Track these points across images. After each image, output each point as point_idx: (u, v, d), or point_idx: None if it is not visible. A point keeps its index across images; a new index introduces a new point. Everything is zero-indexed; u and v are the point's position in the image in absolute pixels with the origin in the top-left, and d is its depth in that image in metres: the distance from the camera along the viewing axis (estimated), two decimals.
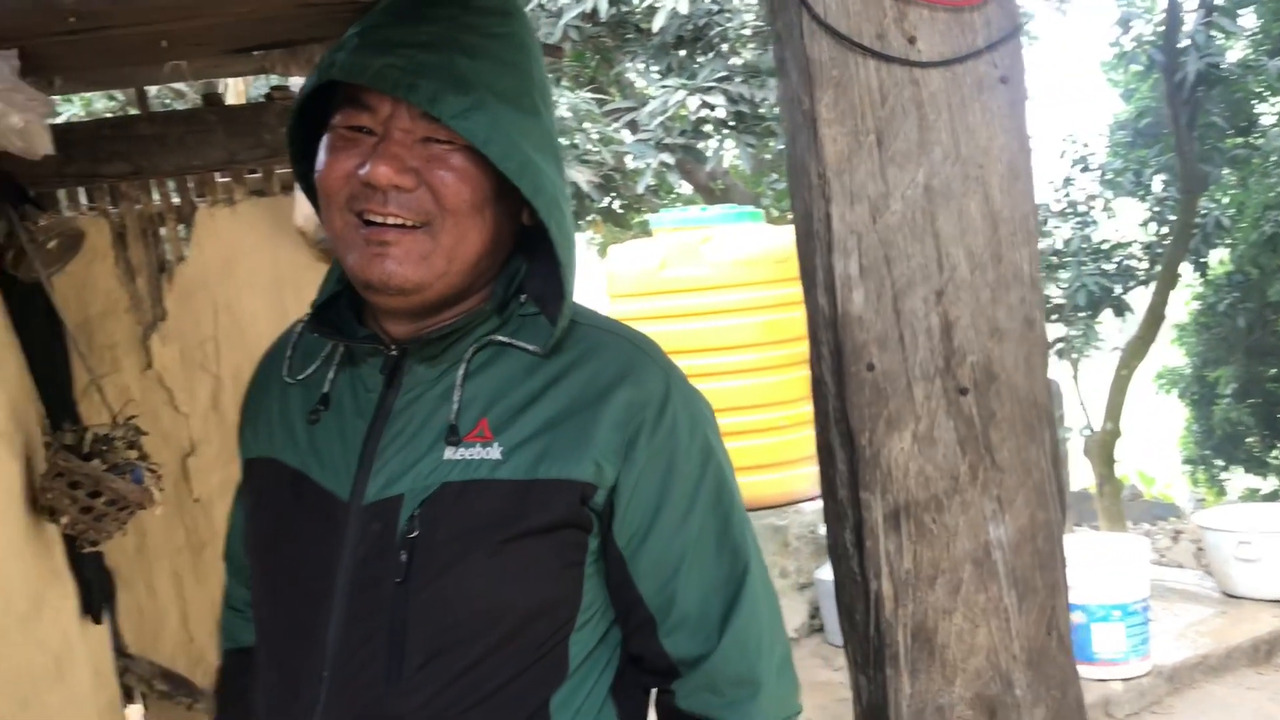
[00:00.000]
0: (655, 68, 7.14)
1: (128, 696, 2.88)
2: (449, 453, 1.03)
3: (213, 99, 3.38)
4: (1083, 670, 1.31)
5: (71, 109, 5.63)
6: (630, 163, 7.38)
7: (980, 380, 1.17)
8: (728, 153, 8.53)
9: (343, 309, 1.12)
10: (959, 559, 1.18)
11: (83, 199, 3.05)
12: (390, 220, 1.00)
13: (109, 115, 5.23)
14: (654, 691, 1.13)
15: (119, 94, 5.63)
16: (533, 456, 1.02)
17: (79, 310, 2.89)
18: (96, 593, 2.72)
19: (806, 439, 6.07)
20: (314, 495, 1.08)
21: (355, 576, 1.03)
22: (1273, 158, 9.19)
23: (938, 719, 1.19)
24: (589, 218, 8.17)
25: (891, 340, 1.16)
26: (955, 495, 1.17)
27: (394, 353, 1.07)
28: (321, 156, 1.04)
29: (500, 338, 1.06)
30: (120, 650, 2.89)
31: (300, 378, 1.14)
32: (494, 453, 1.02)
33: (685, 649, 1.07)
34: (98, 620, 2.72)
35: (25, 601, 2.30)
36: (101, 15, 1.82)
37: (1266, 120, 9.63)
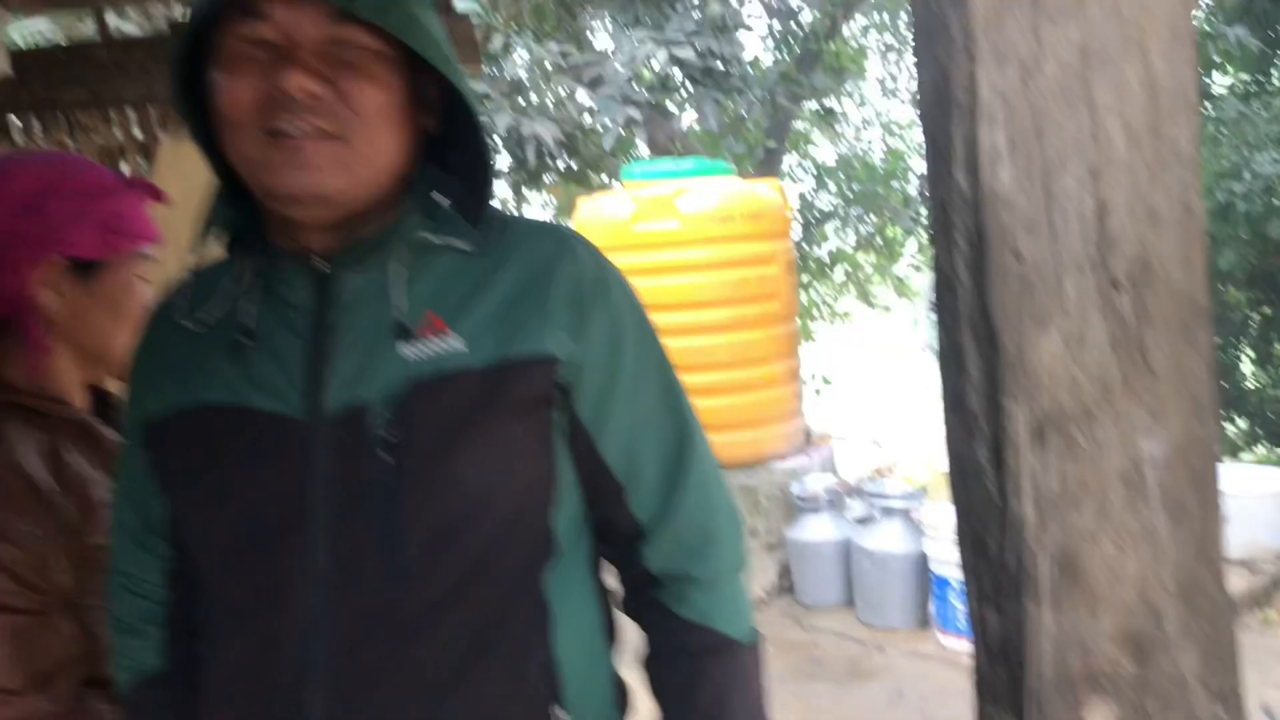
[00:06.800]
0: (620, 19, 6.92)
1: None
2: (409, 351, 1.01)
3: (179, 26, 3.14)
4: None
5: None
6: (590, 121, 7.13)
7: (1135, 273, 1.03)
8: (688, 114, 8.31)
9: (248, 240, 1.09)
10: (1108, 477, 1.04)
11: (38, 129, 2.81)
12: (306, 129, 0.96)
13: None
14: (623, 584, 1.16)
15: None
16: (496, 339, 1.02)
17: None
18: None
19: (778, 397, 5.81)
20: (260, 425, 1.03)
21: (336, 493, 1.00)
22: (1224, 128, 9.23)
23: (1081, 655, 1.05)
24: (547, 178, 7.93)
25: (1041, 226, 1.01)
26: (1107, 405, 1.03)
27: (325, 268, 1.04)
28: (218, 78, 0.99)
29: (432, 238, 1.05)
30: None
31: (211, 322, 1.10)
32: (456, 344, 1.01)
33: (650, 509, 1.10)
34: None
35: None
36: None
37: (1217, 90, 9.66)
